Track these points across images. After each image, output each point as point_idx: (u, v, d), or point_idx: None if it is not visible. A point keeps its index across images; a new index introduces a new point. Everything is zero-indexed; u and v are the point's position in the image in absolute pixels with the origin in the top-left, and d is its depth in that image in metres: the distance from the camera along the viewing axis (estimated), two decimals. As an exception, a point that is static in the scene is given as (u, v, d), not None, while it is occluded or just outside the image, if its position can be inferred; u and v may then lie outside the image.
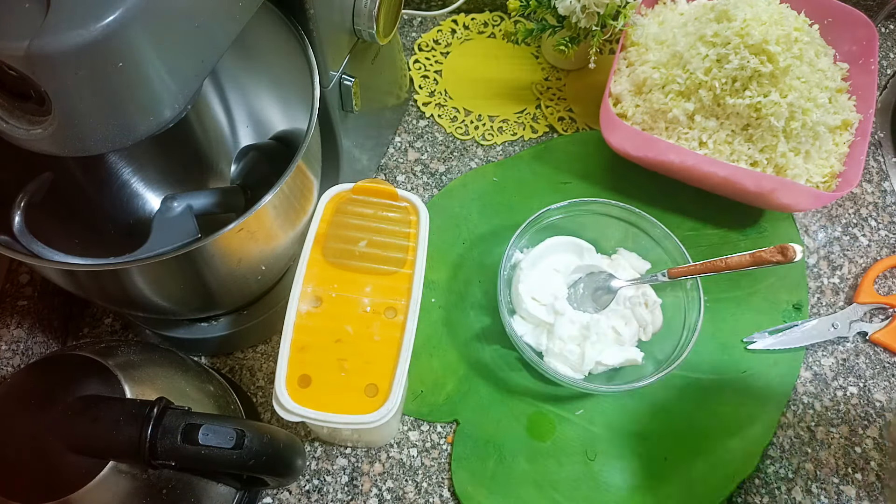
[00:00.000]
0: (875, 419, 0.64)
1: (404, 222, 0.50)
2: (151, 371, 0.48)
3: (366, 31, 0.53)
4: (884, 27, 0.86)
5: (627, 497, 0.58)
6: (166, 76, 0.35)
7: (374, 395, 0.45)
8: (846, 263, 0.71)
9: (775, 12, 0.61)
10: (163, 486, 0.44)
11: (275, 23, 0.49)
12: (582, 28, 0.66)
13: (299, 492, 0.58)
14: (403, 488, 0.59)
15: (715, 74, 0.62)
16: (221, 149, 0.64)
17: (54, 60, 0.31)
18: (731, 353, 0.65)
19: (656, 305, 0.62)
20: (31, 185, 0.51)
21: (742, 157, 0.64)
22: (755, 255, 0.54)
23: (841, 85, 0.68)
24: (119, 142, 0.36)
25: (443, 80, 0.78)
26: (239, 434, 0.41)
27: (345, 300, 0.47)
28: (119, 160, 0.60)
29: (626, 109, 0.68)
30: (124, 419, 0.40)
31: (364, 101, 0.59)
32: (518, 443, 0.60)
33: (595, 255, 0.65)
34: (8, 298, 0.59)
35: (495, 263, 0.66)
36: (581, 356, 0.59)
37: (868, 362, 0.66)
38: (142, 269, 0.44)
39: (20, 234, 0.48)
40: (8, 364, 0.57)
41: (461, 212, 0.70)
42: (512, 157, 0.74)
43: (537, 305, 0.61)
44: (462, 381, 0.62)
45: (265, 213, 0.45)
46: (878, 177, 0.76)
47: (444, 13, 0.82)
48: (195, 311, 0.58)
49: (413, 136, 0.75)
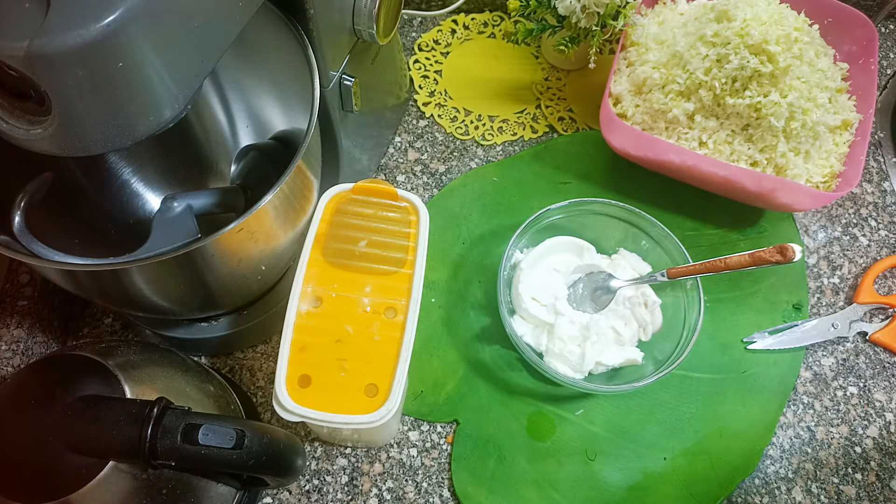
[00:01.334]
0: (875, 419, 0.64)
1: (404, 222, 0.50)
2: (151, 371, 0.48)
3: (366, 31, 0.53)
4: (884, 27, 0.86)
5: (627, 497, 0.58)
6: (166, 76, 0.35)
7: (374, 395, 0.45)
8: (846, 263, 0.71)
9: (775, 12, 0.61)
10: (163, 486, 0.44)
11: (275, 23, 0.49)
12: (582, 28, 0.66)
13: (299, 492, 0.58)
14: (403, 488, 0.59)
15: (715, 74, 0.62)
16: (221, 149, 0.64)
17: (54, 60, 0.31)
18: (731, 353, 0.65)
19: (656, 305, 0.62)
20: (31, 185, 0.51)
21: (742, 157, 0.64)
22: (755, 255, 0.54)
23: (841, 85, 0.68)
24: (119, 142, 0.36)
25: (443, 80, 0.78)
26: (239, 434, 0.41)
27: (345, 300, 0.47)
28: (119, 160, 0.60)
29: (626, 109, 0.68)
30: (124, 419, 0.40)
31: (364, 101, 0.59)
32: (518, 443, 0.60)
33: (595, 254, 0.65)
34: (8, 298, 0.59)
35: (495, 263, 0.66)
36: (581, 356, 0.59)
37: (868, 362, 0.66)
38: (142, 269, 0.44)
39: (20, 234, 0.48)
40: (8, 364, 0.57)
41: (461, 212, 0.70)
42: (512, 157, 0.74)
43: (537, 306, 0.61)
44: (462, 381, 0.62)
45: (265, 213, 0.45)
46: (878, 177, 0.76)
47: (444, 13, 0.82)
48: (195, 311, 0.58)
49: (413, 136, 0.75)
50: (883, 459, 0.62)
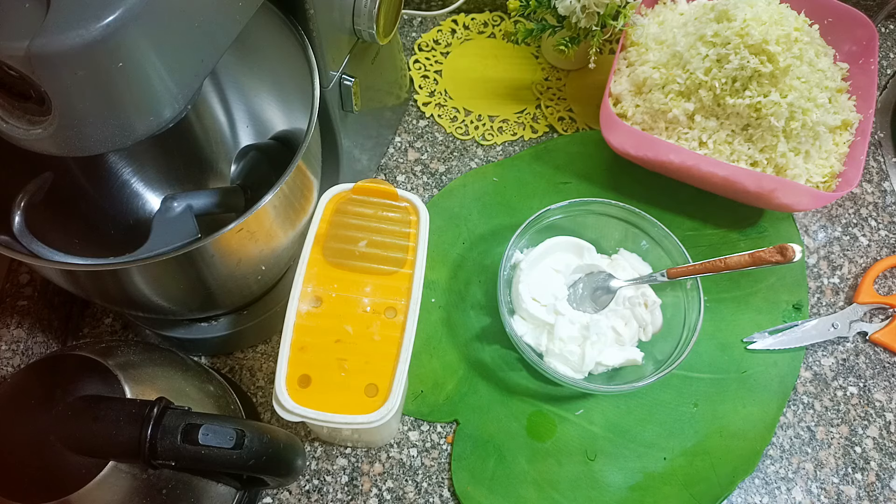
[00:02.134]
0: (875, 419, 0.64)
1: (404, 222, 0.50)
2: (151, 371, 0.48)
3: (366, 31, 0.53)
4: (884, 27, 0.86)
5: (627, 497, 0.58)
6: (166, 76, 0.35)
7: (374, 395, 0.45)
8: (846, 263, 0.71)
9: (775, 12, 0.61)
10: (163, 486, 0.44)
11: (275, 23, 0.49)
12: (582, 28, 0.66)
13: (299, 492, 0.58)
14: (403, 488, 0.59)
15: (715, 74, 0.62)
16: (221, 149, 0.64)
17: (54, 60, 0.31)
18: (731, 353, 0.65)
19: (656, 305, 0.62)
20: (31, 185, 0.51)
21: (742, 157, 0.64)
22: (754, 255, 0.54)
23: (841, 85, 0.68)
24: (119, 142, 0.36)
25: (443, 80, 0.78)
26: (239, 434, 0.41)
27: (345, 300, 0.47)
28: (119, 160, 0.60)
29: (626, 109, 0.68)
30: (124, 419, 0.40)
31: (364, 101, 0.59)
32: (518, 443, 0.60)
33: (595, 254, 0.65)
34: (8, 298, 0.59)
35: (495, 263, 0.66)
36: (581, 357, 0.59)
37: (868, 362, 0.66)
38: (142, 269, 0.44)
39: (20, 234, 0.48)
40: (8, 364, 0.57)
41: (461, 212, 0.70)
42: (512, 157, 0.74)
43: (537, 306, 0.61)
44: (462, 381, 0.62)
45: (265, 213, 0.45)
46: (878, 177, 0.76)
47: (444, 13, 0.82)
48: (195, 311, 0.58)
49: (413, 136, 0.75)
50: (883, 459, 0.62)
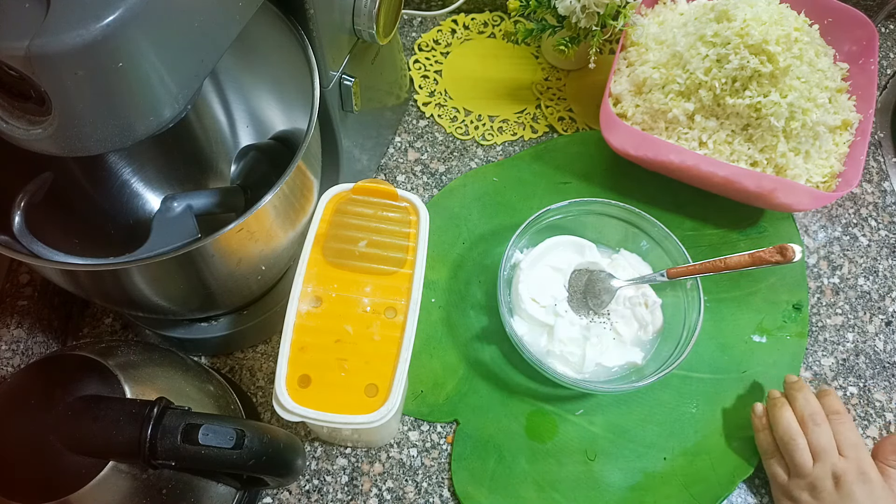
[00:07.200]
0: (875, 419, 0.64)
1: (404, 222, 0.50)
2: (151, 371, 0.48)
3: (366, 31, 0.53)
4: (884, 27, 0.86)
5: (627, 497, 0.58)
6: (166, 76, 0.35)
7: (374, 395, 0.45)
8: (846, 263, 0.71)
9: (775, 12, 0.61)
10: (163, 486, 0.44)
11: (275, 23, 0.49)
12: (582, 28, 0.66)
13: (299, 492, 0.58)
14: (403, 488, 0.59)
15: (715, 74, 0.62)
16: (221, 149, 0.64)
17: (54, 60, 0.31)
18: (731, 353, 0.65)
19: (656, 305, 0.62)
20: (31, 185, 0.51)
21: (742, 157, 0.64)
22: (754, 255, 0.54)
23: (841, 85, 0.68)
24: (119, 142, 0.36)
25: (443, 80, 0.78)
26: (239, 434, 0.41)
27: (345, 300, 0.47)
28: (119, 160, 0.60)
29: (626, 109, 0.68)
30: (124, 419, 0.40)
31: (364, 101, 0.59)
32: (518, 443, 0.60)
33: (596, 252, 0.64)
34: (8, 298, 0.59)
35: (495, 263, 0.66)
36: (581, 357, 0.59)
37: (868, 362, 0.66)
38: (142, 269, 0.44)
39: (20, 234, 0.48)
40: (8, 364, 0.57)
41: (461, 212, 0.70)
42: (512, 157, 0.74)
43: (536, 307, 0.61)
44: (462, 381, 0.62)
45: (265, 213, 0.45)
46: (878, 177, 0.76)
47: (444, 13, 0.82)
48: (195, 311, 0.58)
49: (413, 136, 0.75)
50: (883, 459, 0.62)
